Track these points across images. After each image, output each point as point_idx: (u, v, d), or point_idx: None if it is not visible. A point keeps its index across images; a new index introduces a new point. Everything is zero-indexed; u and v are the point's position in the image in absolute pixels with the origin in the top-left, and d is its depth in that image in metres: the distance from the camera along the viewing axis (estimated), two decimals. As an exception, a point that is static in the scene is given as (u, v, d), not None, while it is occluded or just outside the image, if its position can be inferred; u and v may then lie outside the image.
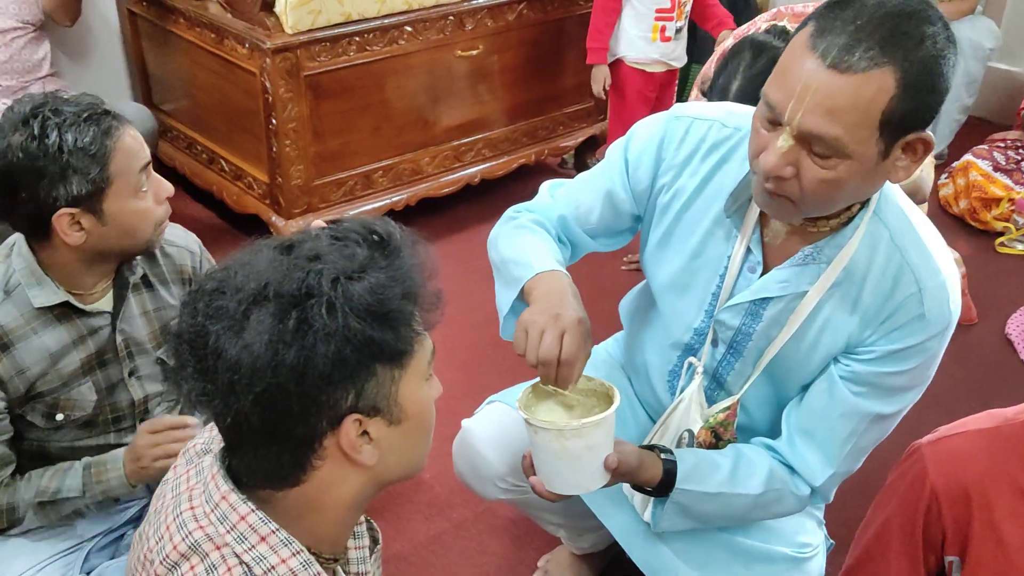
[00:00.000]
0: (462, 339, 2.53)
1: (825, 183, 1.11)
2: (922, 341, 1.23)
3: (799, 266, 1.25)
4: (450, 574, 1.88)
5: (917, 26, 1.05)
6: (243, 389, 0.82)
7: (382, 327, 0.85)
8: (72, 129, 1.29)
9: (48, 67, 2.66)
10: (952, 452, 1.20)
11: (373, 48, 2.65)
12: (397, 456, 0.92)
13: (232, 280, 0.85)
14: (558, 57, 3.17)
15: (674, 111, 1.36)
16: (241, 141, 2.78)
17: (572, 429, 1.16)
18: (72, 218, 1.31)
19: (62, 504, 1.43)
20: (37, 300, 1.35)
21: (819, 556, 1.54)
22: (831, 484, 1.34)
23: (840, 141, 1.07)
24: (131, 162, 1.34)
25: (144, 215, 1.37)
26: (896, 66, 1.04)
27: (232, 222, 3.03)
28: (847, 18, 1.05)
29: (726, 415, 1.36)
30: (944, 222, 3.30)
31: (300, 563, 0.88)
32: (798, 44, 1.09)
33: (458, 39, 2.84)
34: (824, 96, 1.05)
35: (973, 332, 2.70)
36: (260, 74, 2.52)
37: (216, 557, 0.87)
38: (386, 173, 2.85)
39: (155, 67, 3.08)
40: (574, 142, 3.36)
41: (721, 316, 1.33)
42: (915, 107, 1.06)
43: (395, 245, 0.89)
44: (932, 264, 1.22)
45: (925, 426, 1.34)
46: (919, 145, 1.11)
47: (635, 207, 1.39)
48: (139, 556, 0.94)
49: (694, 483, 1.30)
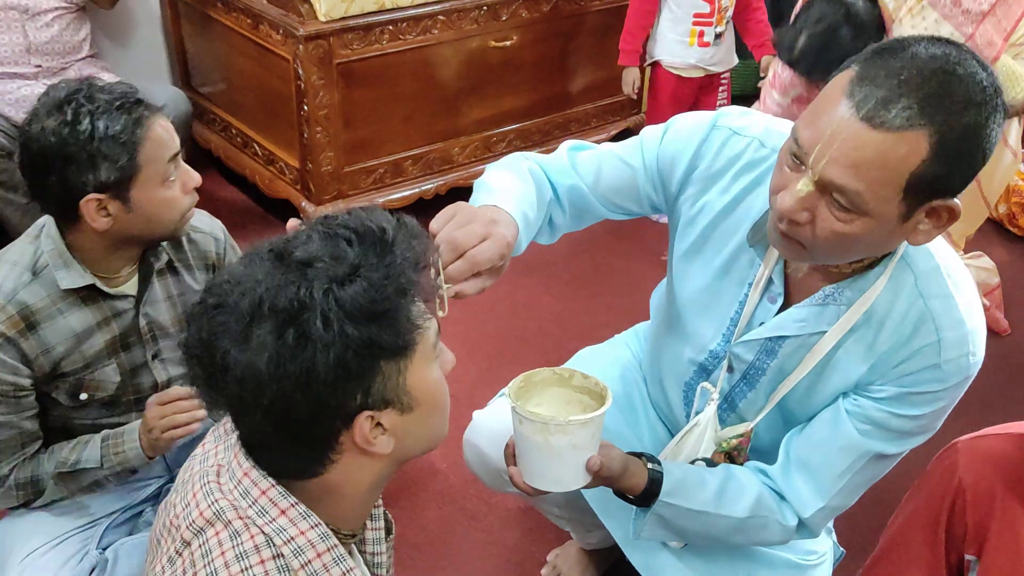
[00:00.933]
0: (486, 330, 2.55)
1: (838, 235, 1.06)
2: (935, 391, 1.19)
3: (819, 306, 1.21)
4: (460, 563, 1.89)
5: (965, 89, 0.98)
6: (252, 402, 0.85)
7: (380, 327, 0.86)
8: (104, 117, 1.31)
9: (88, 48, 2.71)
10: (985, 451, 1.19)
11: (406, 37, 2.66)
12: (414, 438, 0.95)
13: (231, 296, 0.86)
14: (593, 49, 3.15)
15: (717, 118, 1.30)
16: (274, 126, 2.81)
17: (557, 424, 1.15)
18: (99, 203, 1.34)
19: (81, 475, 1.47)
20: (64, 282, 1.39)
21: (825, 564, 1.52)
22: (820, 518, 1.30)
23: (861, 196, 1.02)
24: (160, 151, 1.36)
25: (170, 204, 1.39)
26: (934, 129, 0.98)
27: (265, 206, 3.07)
28: (892, 69, 1.00)
29: (740, 441, 1.35)
30: (982, 226, 3.22)
31: (318, 535, 0.92)
32: (837, 86, 1.03)
33: (492, 29, 2.83)
34: (851, 148, 1.00)
35: (1009, 339, 2.65)
36: (293, 60, 2.55)
37: (239, 525, 0.90)
38: (416, 162, 2.87)
39: (193, 50, 3.12)
40: (607, 135, 3.34)
41: (736, 349, 1.30)
42: (946, 173, 1.01)
43: (387, 240, 0.89)
44: (955, 314, 1.17)
45: (952, 431, 1.32)
46: (944, 212, 1.06)
47: (656, 198, 1.36)
48: (165, 523, 0.98)
49: (679, 498, 1.28)
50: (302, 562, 0.90)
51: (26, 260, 1.39)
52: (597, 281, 2.86)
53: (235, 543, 0.89)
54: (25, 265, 1.38)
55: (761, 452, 1.39)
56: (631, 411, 1.55)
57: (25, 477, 1.45)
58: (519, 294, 2.72)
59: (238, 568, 0.88)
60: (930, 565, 1.22)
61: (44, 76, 2.57)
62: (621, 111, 3.35)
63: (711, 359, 1.35)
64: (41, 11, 2.54)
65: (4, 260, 1.40)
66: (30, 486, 1.46)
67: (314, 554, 0.91)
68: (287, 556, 0.90)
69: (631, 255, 3.00)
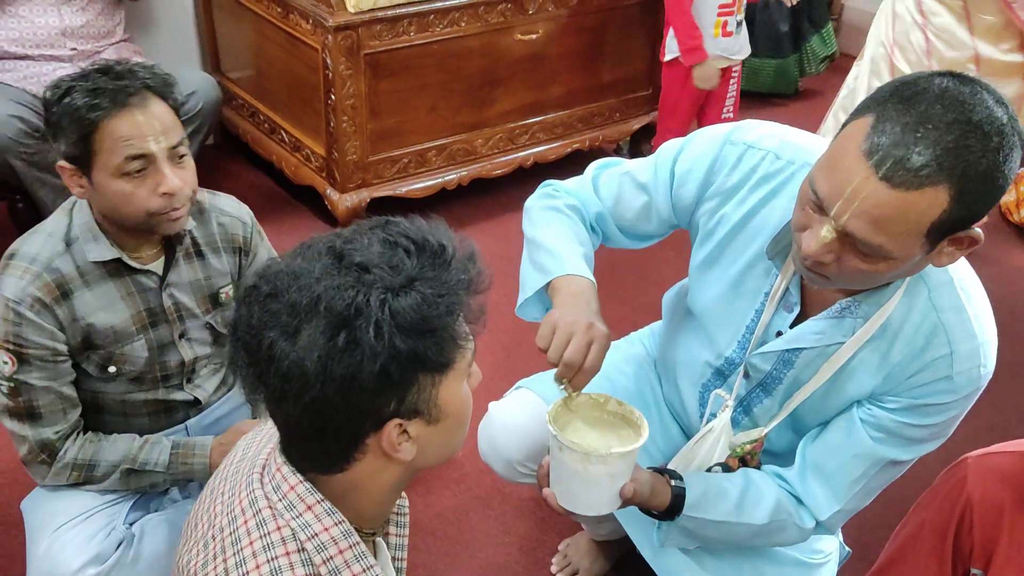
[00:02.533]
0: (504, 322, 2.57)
1: (863, 273, 1.09)
2: (948, 402, 1.22)
3: (836, 318, 1.23)
4: (473, 550, 1.94)
5: (982, 138, 0.99)
6: (293, 398, 0.88)
7: (426, 342, 0.88)
8: (81, 93, 1.34)
9: (122, 32, 2.75)
10: (995, 468, 1.20)
11: (433, 29, 2.69)
12: (435, 449, 0.98)
13: (285, 288, 0.88)
14: (618, 44, 3.16)
15: (732, 133, 1.33)
16: (301, 114, 2.85)
17: (599, 456, 1.18)
18: (71, 172, 1.40)
19: (145, 475, 1.54)
20: (91, 254, 1.45)
21: (831, 563, 1.55)
22: (836, 520, 1.34)
23: (884, 248, 1.04)
24: (116, 145, 1.35)
25: (126, 199, 1.39)
26: (953, 182, 1.00)
27: (290, 191, 3.11)
28: (909, 123, 1.00)
29: (753, 446, 1.38)
30: (1003, 230, 3.22)
31: (341, 532, 0.95)
32: (853, 136, 1.04)
33: (518, 23, 2.85)
34: (872, 205, 1.02)
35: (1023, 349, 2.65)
36: (322, 50, 2.58)
37: (268, 514, 0.94)
38: (440, 152, 2.90)
39: (224, 36, 3.16)
40: (629, 129, 3.36)
41: (753, 359, 1.33)
42: (967, 215, 1.04)
43: (445, 259, 0.91)
44: (968, 326, 1.19)
45: (964, 438, 1.33)
46: (966, 240, 1.08)
47: (673, 218, 1.39)
48: (208, 507, 1.02)
49: (700, 511, 1.32)
50: (324, 558, 0.94)
51: (60, 231, 1.46)
52: (614, 276, 2.89)
53: (262, 532, 0.93)
54: (59, 236, 1.45)
55: (773, 455, 1.42)
56: (644, 409, 1.57)
57: (84, 459, 1.51)
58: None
59: (264, 558, 0.92)
60: None
61: (79, 59, 2.61)
62: (645, 105, 3.36)
63: (727, 365, 1.38)
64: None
65: (40, 231, 1.47)
66: (86, 469, 1.51)
67: (336, 551, 0.95)
68: (309, 551, 0.93)
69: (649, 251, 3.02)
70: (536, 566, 1.91)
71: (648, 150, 3.49)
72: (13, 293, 1.40)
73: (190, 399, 1.63)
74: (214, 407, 1.68)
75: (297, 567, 0.92)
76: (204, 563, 0.96)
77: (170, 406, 1.62)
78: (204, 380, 1.65)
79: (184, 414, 1.64)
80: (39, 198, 2.56)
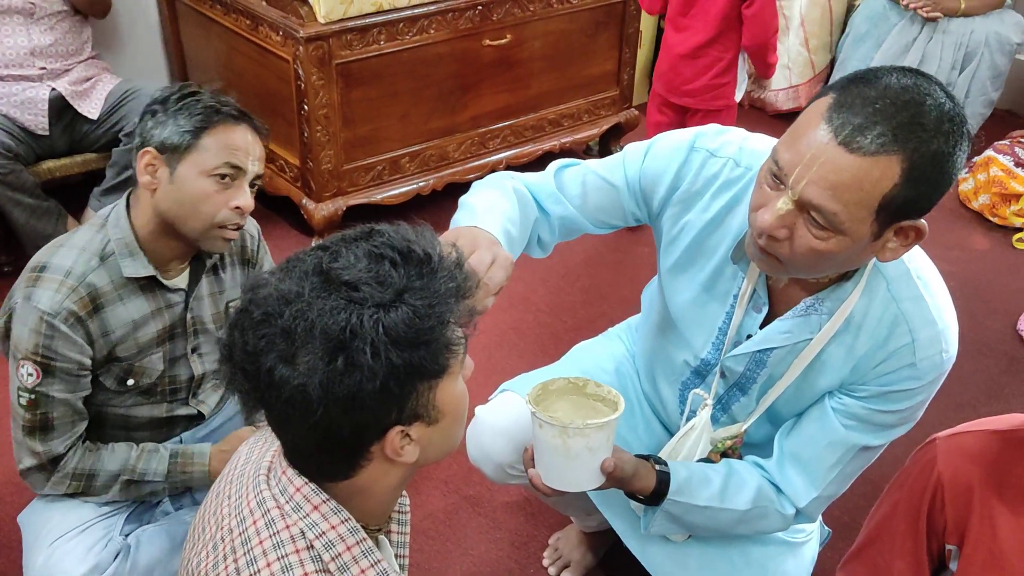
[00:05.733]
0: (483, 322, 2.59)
1: (814, 252, 1.13)
2: (913, 388, 1.26)
3: (801, 316, 1.28)
4: (466, 547, 1.97)
5: (934, 120, 1.05)
6: (298, 420, 0.90)
7: (420, 353, 0.90)
8: (210, 97, 1.46)
9: (90, 50, 2.75)
10: (963, 448, 1.25)
11: (403, 37, 2.72)
12: (436, 446, 1.00)
13: (277, 312, 0.89)
14: (584, 46, 3.21)
15: (695, 139, 1.37)
16: (274, 125, 2.85)
17: (575, 428, 1.22)
18: (151, 158, 1.44)
19: (143, 485, 1.56)
20: (127, 270, 1.47)
21: (812, 542, 1.61)
22: (815, 506, 1.39)
23: (837, 217, 1.08)
24: (221, 149, 1.44)
25: (204, 198, 1.44)
26: (905, 156, 1.05)
27: (265, 203, 3.12)
28: (868, 97, 1.06)
29: (734, 441, 1.43)
30: (963, 217, 3.32)
31: (348, 529, 0.97)
32: (816, 112, 1.10)
33: (486, 28, 2.89)
34: (830, 171, 1.06)
35: (987, 327, 2.73)
36: (293, 61, 2.60)
37: (276, 514, 0.96)
38: (413, 159, 2.93)
39: (191, 50, 3.17)
40: (599, 130, 3.41)
41: (727, 362, 1.38)
42: (915, 197, 1.08)
43: (432, 267, 0.91)
44: (927, 314, 1.24)
45: (934, 417, 1.38)
46: (912, 232, 1.13)
47: (639, 213, 1.43)
48: (214, 510, 1.04)
49: (685, 496, 1.36)
50: (332, 555, 0.96)
51: (95, 247, 1.47)
52: (590, 273, 2.93)
53: (271, 532, 0.95)
54: (93, 251, 1.47)
55: (752, 447, 1.47)
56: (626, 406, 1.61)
57: (83, 469, 1.52)
58: (515, 287, 2.79)
59: (275, 556, 0.94)
60: (912, 554, 1.28)
61: (48, 78, 2.61)
62: (612, 106, 3.42)
63: (704, 366, 1.43)
64: (44, 15, 2.58)
65: (72, 245, 1.48)
66: (85, 479, 1.52)
67: (344, 547, 0.97)
68: (318, 549, 0.95)
69: (624, 247, 3.08)
70: (528, 560, 1.95)
71: (617, 150, 3.55)
72: (49, 306, 1.41)
73: (194, 413, 1.65)
74: (209, 419, 1.70)
75: (307, 563, 0.94)
76: (215, 564, 0.98)
77: (173, 420, 1.63)
78: (208, 395, 1.67)
79: (184, 427, 1.66)
80: (13, 218, 2.56)
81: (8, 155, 2.47)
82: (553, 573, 1.91)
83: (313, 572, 0.94)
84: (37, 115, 2.58)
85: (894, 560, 1.30)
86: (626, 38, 3.31)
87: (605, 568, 1.94)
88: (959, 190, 3.40)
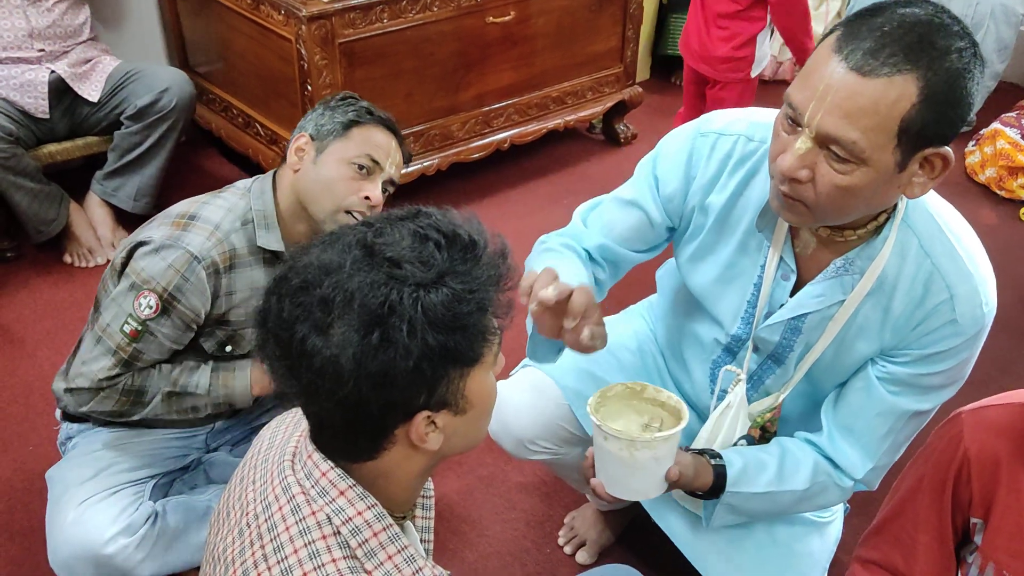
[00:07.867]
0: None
1: (839, 189, 1.10)
2: (956, 345, 1.24)
3: (833, 278, 1.26)
4: (481, 528, 1.96)
5: (945, 39, 1.04)
6: (327, 393, 0.89)
7: (456, 338, 0.89)
8: (368, 105, 1.63)
9: (88, 32, 2.71)
10: (989, 421, 1.24)
11: (406, 15, 2.68)
12: (460, 438, 0.99)
13: (317, 281, 0.88)
14: (588, 23, 3.18)
15: (700, 126, 1.36)
16: (276, 106, 2.83)
17: (643, 441, 1.21)
18: (303, 142, 1.60)
19: (186, 397, 1.60)
20: (261, 240, 1.57)
21: (837, 520, 1.60)
22: (873, 476, 1.38)
23: (857, 145, 1.06)
24: (365, 143, 1.57)
25: (339, 182, 1.55)
26: (919, 74, 1.03)
27: (267, 185, 3.10)
28: (875, 25, 1.06)
29: (772, 413, 1.41)
30: (970, 190, 3.31)
31: (375, 515, 0.96)
32: (825, 48, 1.09)
33: (490, 5, 2.86)
34: (844, 98, 1.05)
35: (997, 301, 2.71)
36: (296, 41, 2.57)
37: (301, 500, 0.95)
38: (417, 138, 2.90)
39: (191, 31, 3.13)
40: (603, 107, 3.39)
41: (761, 333, 1.36)
42: (935, 119, 1.05)
43: (476, 253, 0.91)
44: (963, 268, 1.22)
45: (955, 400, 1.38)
46: (937, 161, 1.11)
47: (668, 220, 1.41)
48: (239, 495, 1.03)
49: (744, 485, 1.35)
50: (359, 541, 0.95)
51: (239, 211, 1.57)
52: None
53: (297, 518, 0.94)
54: (238, 215, 1.57)
55: (788, 423, 1.45)
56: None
57: (133, 385, 1.56)
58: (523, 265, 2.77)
59: (302, 542, 0.93)
60: (937, 528, 1.28)
61: (47, 60, 2.58)
62: (616, 83, 3.39)
63: (735, 342, 1.41)
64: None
65: (218, 205, 1.57)
66: (134, 395, 1.57)
67: (371, 533, 0.95)
68: (345, 535, 0.94)
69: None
70: (544, 539, 1.94)
71: (622, 128, 3.52)
72: (199, 250, 1.50)
73: None
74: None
75: (335, 550, 0.93)
76: (241, 550, 0.97)
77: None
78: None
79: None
80: (15, 203, 2.53)
81: (9, 139, 2.44)
82: (569, 552, 1.91)
83: (341, 558, 0.93)
84: (37, 98, 2.55)
85: (918, 534, 1.30)
86: (629, 15, 3.28)
87: (622, 546, 1.93)
88: (966, 163, 3.39)
